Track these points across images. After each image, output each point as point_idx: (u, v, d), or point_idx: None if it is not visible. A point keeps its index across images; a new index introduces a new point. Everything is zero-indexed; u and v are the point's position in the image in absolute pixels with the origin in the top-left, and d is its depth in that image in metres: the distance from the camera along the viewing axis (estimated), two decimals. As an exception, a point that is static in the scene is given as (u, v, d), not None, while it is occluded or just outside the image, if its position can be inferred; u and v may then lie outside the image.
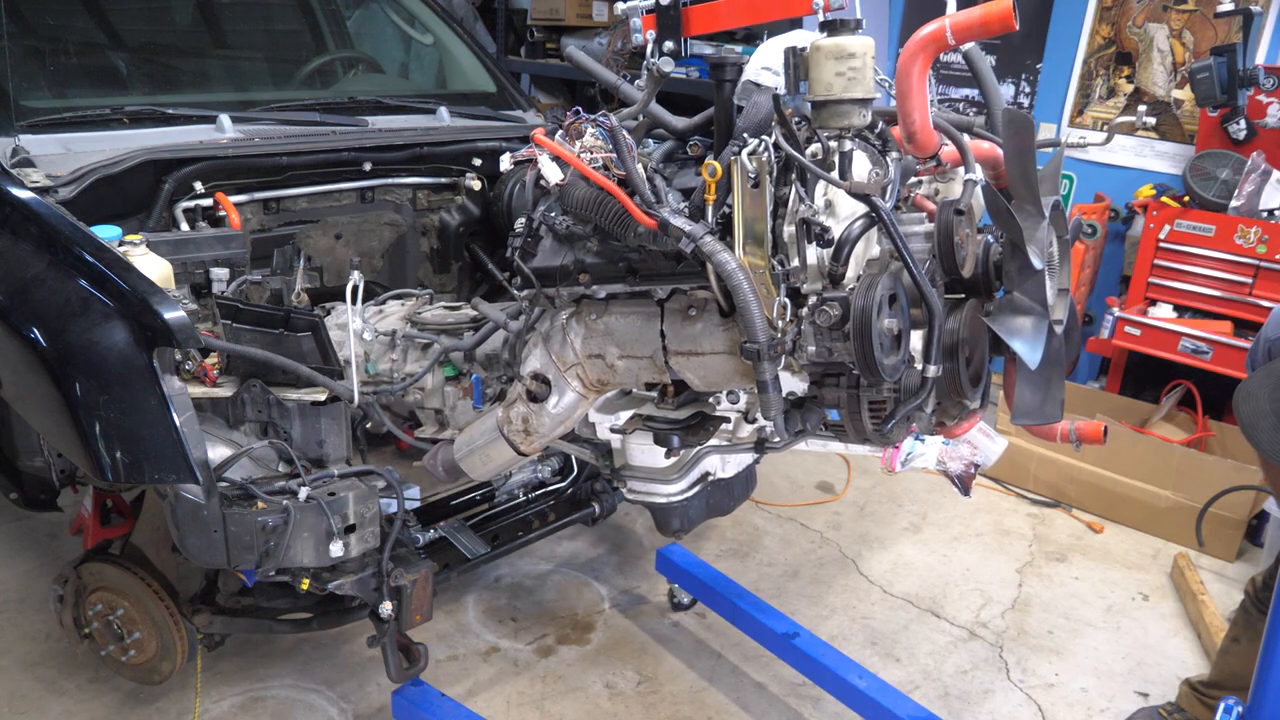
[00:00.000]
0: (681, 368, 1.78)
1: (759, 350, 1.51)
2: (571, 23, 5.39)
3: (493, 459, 2.07)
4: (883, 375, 1.47)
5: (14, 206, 2.05)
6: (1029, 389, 1.67)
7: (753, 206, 1.52)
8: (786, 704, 2.69)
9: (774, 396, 1.55)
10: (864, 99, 1.48)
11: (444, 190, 2.96)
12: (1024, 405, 1.67)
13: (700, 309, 1.74)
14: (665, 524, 2.29)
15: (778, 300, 1.52)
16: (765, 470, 3.89)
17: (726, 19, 1.85)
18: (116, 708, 2.53)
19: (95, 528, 2.51)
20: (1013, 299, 1.58)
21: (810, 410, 1.71)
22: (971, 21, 1.45)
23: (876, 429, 1.61)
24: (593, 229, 1.76)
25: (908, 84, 1.51)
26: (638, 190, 1.63)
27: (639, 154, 1.75)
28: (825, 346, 1.51)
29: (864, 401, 1.59)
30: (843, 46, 1.46)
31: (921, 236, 1.60)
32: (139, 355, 1.80)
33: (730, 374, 1.74)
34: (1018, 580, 3.34)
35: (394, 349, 2.34)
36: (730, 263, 1.53)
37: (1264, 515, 3.50)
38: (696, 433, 1.87)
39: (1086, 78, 4.39)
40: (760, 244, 1.52)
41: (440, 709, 2.30)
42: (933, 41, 1.48)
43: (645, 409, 1.91)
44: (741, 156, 1.49)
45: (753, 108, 1.62)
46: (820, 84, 1.48)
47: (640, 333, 1.81)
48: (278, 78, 3.32)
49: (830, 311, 1.47)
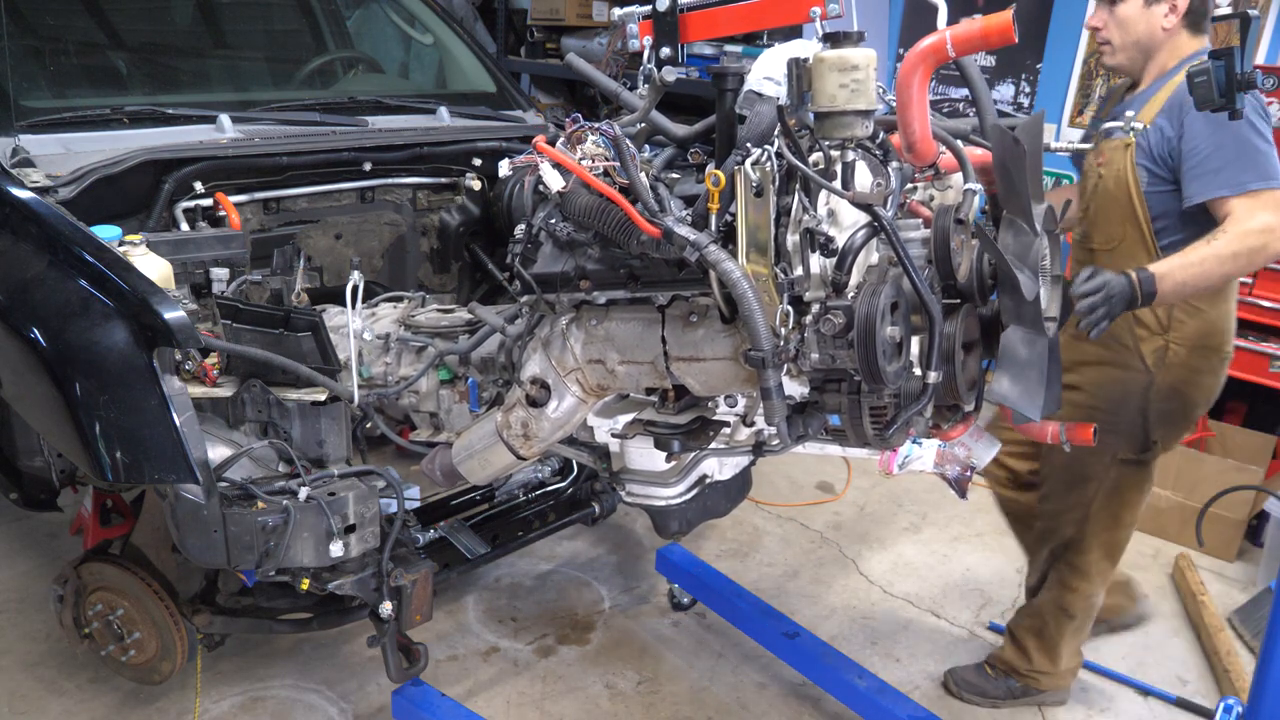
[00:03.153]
0: (683, 373, 1.79)
1: (764, 358, 1.52)
2: (571, 23, 5.38)
3: (492, 463, 2.08)
4: (886, 382, 1.49)
5: (14, 206, 2.05)
6: (1010, 364, 1.69)
7: (756, 215, 1.53)
8: (786, 704, 2.69)
9: (778, 403, 1.57)
10: (866, 110, 1.49)
11: (444, 190, 2.96)
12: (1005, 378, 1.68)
13: (702, 315, 1.75)
14: (664, 526, 2.30)
15: (780, 308, 1.53)
16: (766, 470, 3.90)
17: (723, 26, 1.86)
18: (116, 708, 2.53)
19: (95, 528, 2.51)
20: (1011, 332, 1.61)
21: (811, 415, 1.72)
22: (972, 34, 1.46)
23: (877, 434, 1.62)
24: (594, 236, 1.77)
25: (908, 95, 1.52)
26: (641, 199, 1.64)
27: (641, 162, 1.76)
28: (829, 354, 1.52)
29: (865, 407, 1.61)
30: (846, 59, 1.47)
31: (918, 243, 1.61)
32: (139, 355, 1.80)
33: (731, 379, 1.75)
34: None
35: (388, 352, 2.33)
36: (735, 271, 1.54)
37: (1264, 515, 3.50)
38: (697, 437, 1.88)
39: (1086, 78, 4.39)
40: (763, 252, 1.53)
41: (440, 709, 2.30)
42: (933, 53, 1.49)
43: (646, 414, 1.92)
44: (745, 166, 1.50)
45: (756, 117, 1.63)
46: (824, 95, 1.49)
47: (641, 338, 1.82)
48: (278, 78, 3.32)
49: (835, 320, 1.48)
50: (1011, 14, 1.43)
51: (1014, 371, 1.64)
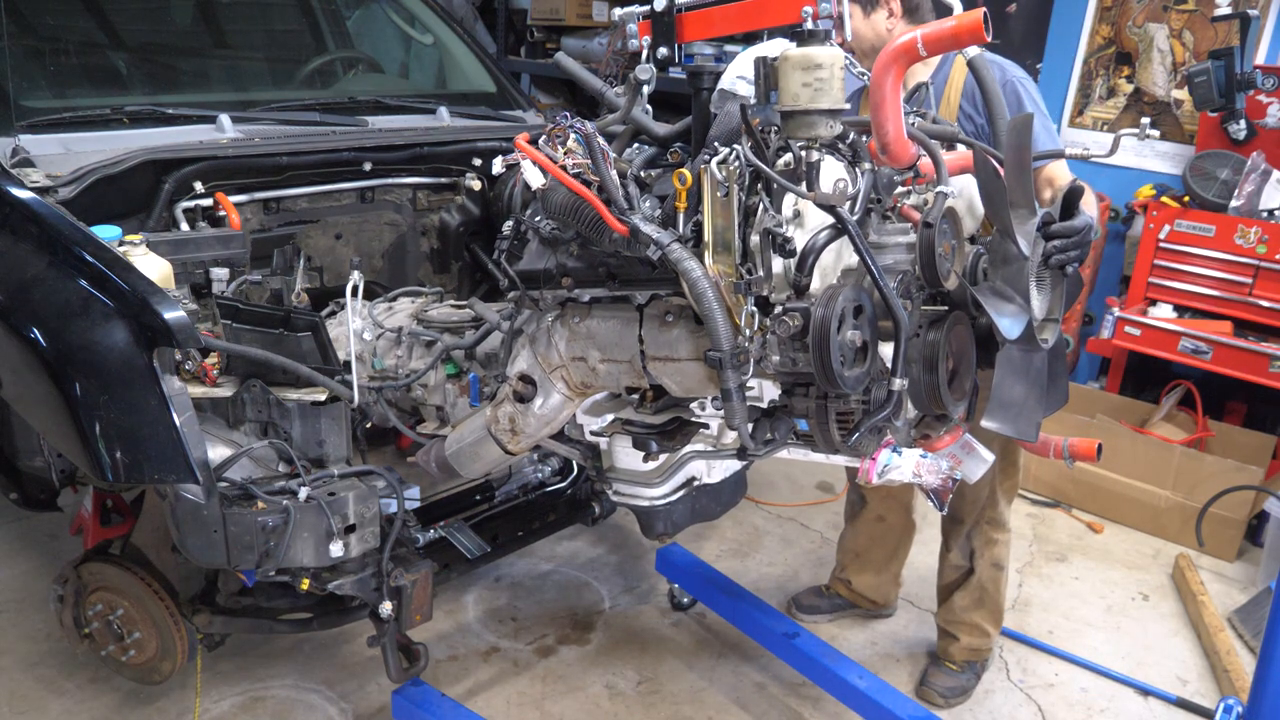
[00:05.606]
0: (659, 372, 1.80)
1: (721, 358, 1.52)
2: (571, 23, 5.38)
3: (481, 457, 2.10)
4: (843, 387, 1.46)
5: (14, 206, 2.05)
6: (1006, 388, 1.67)
7: (722, 215, 1.53)
8: (786, 704, 2.69)
9: (737, 405, 1.56)
10: (831, 110, 1.49)
11: (444, 190, 2.96)
12: (999, 404, 1.67)
13: (677, 315, 1.76)
14: (649, 527, 2.30)
15: (746, 309, 1.53)
16: (766, 470, 3.90)
17: (719, 26, 1.87)
18: (116, 708, 2.53)
19: (95, 528, 2.50)
20: (993, 285, 1.58)
21: (779, 419, 1.70)
22: (943, 33, 1.46)
23: (844, 440, 1.60)
24: (574, 234, 1.78)
25: (881, 95, 1.51)
26: (611, 196, 1.65)
27: (620, 160, 1.77)
28: (789, 357, 1.51)
29: (831, 412, 1.58)
30: (810, 57, 1.46)
31: (904, 247, 1.59)
32: (139, 355, 1.80)
33: (704, 380, 1.75)
34: (1018, 580, 3.34)
35: (399, 345, 2.35)
36: (695, 270, 1.54)
37: (1264, 515, 3.50)
38: (673, 438, 1.88)
39: (1086, 78, 4.39)
40: (729, 252, 1.53)
41: (440, 709, 2.30)
42: (905, 53, 1.48)
43: (625, 413, 1.93)
44: (711, 165, 1.50)
45: (724, 117, 1.63)
46: (788, 94, 1.49)
47: (620, 337, 1.82)
48: (278, 77, 3.32)
49: (790, 322, 1.46)
50: (983, 13, 1.42)
51: (1006, 398, 1.63)
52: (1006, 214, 1.54)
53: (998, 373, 1.64)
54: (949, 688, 2.73)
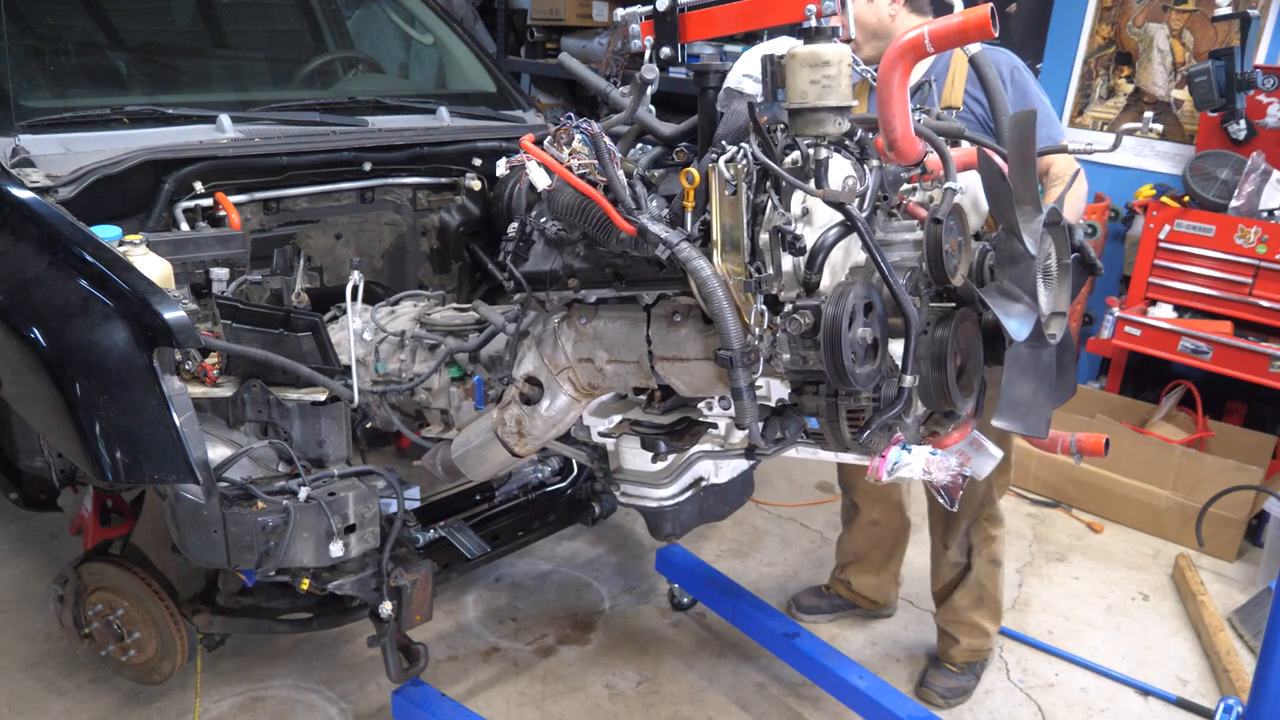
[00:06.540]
0: (666, 373, 1.79)
1: (732, 357, 1.52)
2: (571, 23, 5.38)
3: (488, 459, 2.08)
4: (854, 384, 1.46)
5: (14, 206, 2.05)
6: (1015, 386, 1.67)
7: (730, 214, 1.52)
8: (786, 704, 2.69)
9: (748, 404, 1.55)
10: (839, 107, 1.48)
11: (444, 190, 2.96)
12: (1009, 403, 1.67)
13: (684, 315, 1.75)
14: (657, 528, 2.29)
15: (755, 307, 1.52)
16: (766, 470, 3.90)
17: (721, 25, 1.86)
18: (116, 708, 2.53)
19: (95, 528, 2.50)
20: (1000, 285, 1.58)
21: (789, 418, 1.71)
22: (950, 29, 1.45)
23: (855, 438, 1.60)
24: (580, 234, 1.77)
25: (888, 91, 1.50)
26: (618, 196, 1.64)
27: (625, 160, 1.76)
28: (799, 355, 1.50)
29: (842, 410, 1.58)
30: (817, 54, 1.46)
31: (911, 244, 1.59)
32: (139, 355, 1.80)
33: (714, 380, 1.74)
34: (1018, 580, 3.34)
35: (403, 349, 2.35)
36: (704, 269, 1.54)
37: (1264, 515, 3.50)
38: (682, 438, 1.87)
39: (1086, 78, 4.40)
40: (738, 251, 1.53)
41: (440, 709, 2.30)
42: (911, 49, 1.48)
43: (633, 413, 1.92)
44: (719, 164, 1.50)
45: (731, 115, 1.63)
46: (795, 91, 1.48)
47: (627, 337, 1.81)
48: (278, 77, 3.32)
49: (801, 320, 1.46)
50: (990, 9, 1.42)
51: (1015, 396, 1.63)
52: (1012, 213, 1.53)
53: (1006, 371, 1.64)
54: (949, 688, 2.74)
